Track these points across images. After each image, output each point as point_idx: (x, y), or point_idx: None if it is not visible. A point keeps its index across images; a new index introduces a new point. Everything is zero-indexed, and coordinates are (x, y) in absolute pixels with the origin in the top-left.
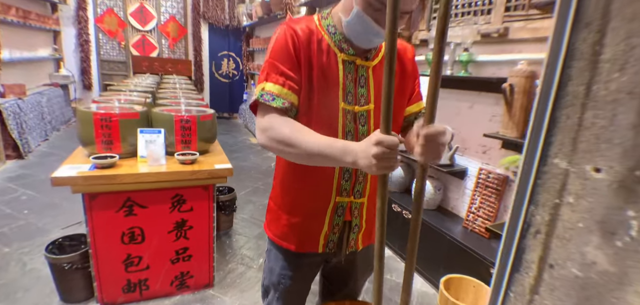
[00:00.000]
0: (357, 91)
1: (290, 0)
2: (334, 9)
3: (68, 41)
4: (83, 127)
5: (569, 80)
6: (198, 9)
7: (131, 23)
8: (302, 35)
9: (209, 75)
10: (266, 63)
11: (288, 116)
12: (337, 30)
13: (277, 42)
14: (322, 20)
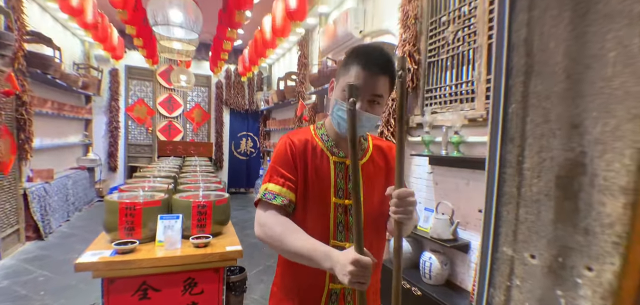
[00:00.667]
0: (347, 187)
1: (302, 89)
2: (325, 120)
3: (98, 128)
4: (108, 215)
5: (504, 183)
6: (221, 97)
7: (159, 111)
8: (298, 144)
9: (229, 154)
10: (269, 167)
11: (287, 211)
12: (329, 137)
13: (278, 150)
14: (317, 130)
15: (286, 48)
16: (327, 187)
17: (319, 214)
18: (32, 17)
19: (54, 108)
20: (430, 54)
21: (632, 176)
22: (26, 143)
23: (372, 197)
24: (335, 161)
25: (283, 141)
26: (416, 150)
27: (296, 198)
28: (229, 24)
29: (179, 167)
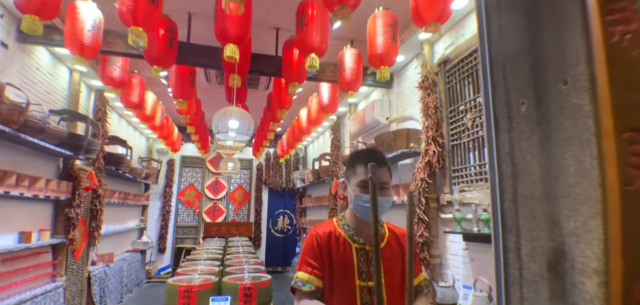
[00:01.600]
0: (369, 270)
1: (335, 168)
2: (346, 212)
3: (153, 212)
4: (169, 297)
5: (508, 266)
6: (261, 178)
7: (206, 194)
8: (323, 235)
9: (266, 232)
10: (300, 258)
11: (316, 296)
12: (350, 227)
13: (306, 243)
14: (339, 222)
15: (320, 131)
16: (351, 271)
17: (346, 296)
18: (112, 123)
19: (120, 198)
20: (453, 138)
21: (601, 261)
22: (96, 230)
23: (392, 278)
24: (357, 248)
25: (310, 234)
26: (449, 227)
27: (323, 283)
28: (272, 119)
29: (224, 248)
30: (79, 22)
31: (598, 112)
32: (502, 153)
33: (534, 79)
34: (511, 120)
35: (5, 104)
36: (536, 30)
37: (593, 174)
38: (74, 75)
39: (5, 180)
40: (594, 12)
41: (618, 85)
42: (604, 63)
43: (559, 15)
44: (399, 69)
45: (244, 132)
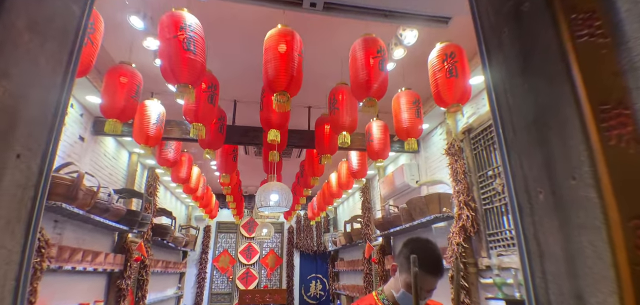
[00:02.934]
0: None
1: (368, 231)
2: (385, 286)
3: (189, 279)
4: None
5: None
6: (292, 241)
7: (239, 259)
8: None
9: (299, 298)
10: None
11: None
12: (390, 302)
13: None
14: (379, 295)
15: (350, 193)
16: None
17: None
18: (158, 195)
19: (162, 266)
20: (485, 202)
21: None
22: (141, 300)
23: None
24: None
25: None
26: (490, 292)
27: None
28: (305, 185)
29: None
30: (146, 118)
31: (605, 205)
32: (528, 234)
33: (547, 171)
34: (532, 207)
35: (82, 190)
36: (543, 127)
37: (606, 256)
38: (133, 157)
39: (73, 256)
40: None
41: (619, 180)
42: (604, 164)
43: (561, 117)
44: (425, 135)
45: (283, 204)
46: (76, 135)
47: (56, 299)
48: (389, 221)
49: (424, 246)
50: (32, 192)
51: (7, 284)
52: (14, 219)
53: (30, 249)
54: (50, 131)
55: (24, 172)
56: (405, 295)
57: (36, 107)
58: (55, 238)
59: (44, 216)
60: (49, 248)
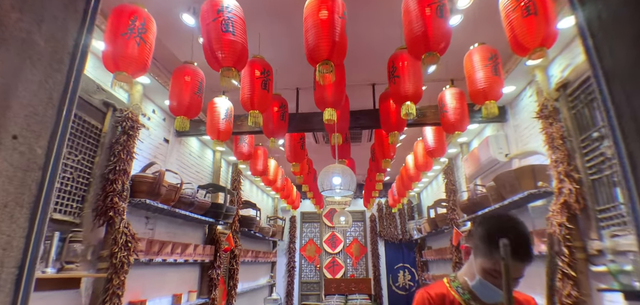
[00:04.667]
0: None
1: (454, 216)
2: (459, 273)
3: (280, 268)
4: None
5: None
6: (375, 229)
7: (325, 249)
8: (436, 298)
9: (387, 288)
10: None
11: None
12: (465, 291)
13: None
14: (451, 283)
15: (431, 176)
16: None
17: None
18: (244, 190)
19: (252, 256)
20: (591, 171)
21: None
22: (233, 289)
23: None
24: None
25: (421, 296)
26: (604, 281)
27: None
28: (377, 170)
29: None
30: (216, 114)
31: None
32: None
33: None
34: None
35: (165, 186)
36: None
37: None
38: (216, 155)
39: (163, 249)
40: None
41: None
42: None
43: None
44: (511, 100)
45: (346, 187)
46: (160, 137)
47: (151, 290)
48: (475, 203)
49: (506, 224)
50: (38, 175)
51: (5, 270)
52: (12, 202)
53: (37, 235)
54: (58, 112)
55: (25, 154)
56: (482, 284)
57: (33, 86)
58: (148, 233)
59: (135, 213)
60: (136, 242)
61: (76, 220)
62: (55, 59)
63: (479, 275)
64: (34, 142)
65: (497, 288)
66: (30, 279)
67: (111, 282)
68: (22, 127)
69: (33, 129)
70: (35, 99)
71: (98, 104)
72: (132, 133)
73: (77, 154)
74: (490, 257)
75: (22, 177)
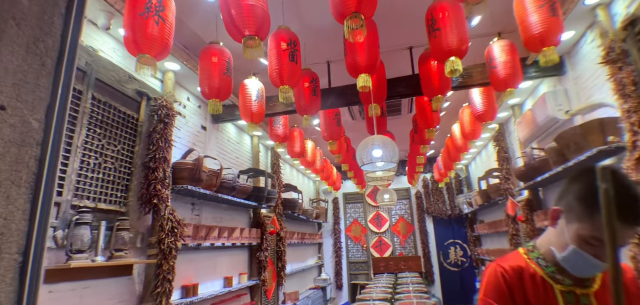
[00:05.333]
0: None
1: (508, 185)
2: (538, 241)
3: (327, 249)
4: None
5: None
6: (422, 206)
7: (370, 228)
8: (511, 272)
9: (438, 265)
10: (480, 301)
11: None
12: (548, 262)
13: (489, 281)
14: (530, 254)
15: (480, 146)
16: None
17: None
18: (284, 173)
19: (298, 238)
20: None
21: None
22: (282, 270)
23: None
24: (562, 290)
25: (493, 270)
26: None
27: None
28: (421, 142)
29: (393, 286)
30: (247, 96)
31: None
32: None
33: None
34: None
35: (205, 172)
36: None
37: None
38: (254, 140)
39: (210, 234)
40: None
41: None
42: None
43: None
44: (569, 49)
45: (388, 159)
46: (198, 125)
47: (203, 274)
48: (533, 168)
49: (624, 186)
50: (36, 151)
51: (5, 258)
52: (7, 181)
53: (42, 218)
54: (54, 81)
55: (17, 128)
56: (577, 254)
57: (21, 50)
58: (194, 219)
59: (180, 200)
60: (182, 228)
61: (122, 209)
62: (44, 20)
63: (573, 244)
64: (28, 114)
65: (596, 259)
66: (38, 267)
67: (161, 268)
68: (10, 97)
69: (24, 98)
70: (24, 65)
71: (132, 93)
72: (168, 121)
73: (116, 144)
74: (590, 222)
75: (17, 152)
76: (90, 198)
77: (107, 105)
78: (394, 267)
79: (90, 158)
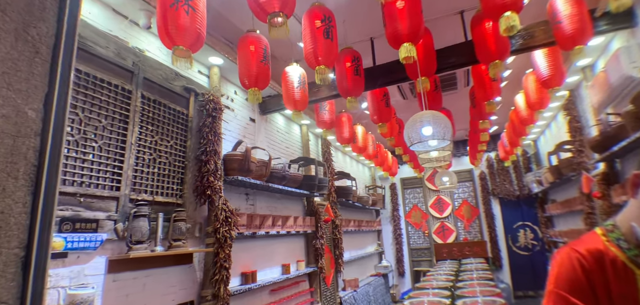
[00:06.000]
0: None
1: (582, 159)
2: (618, 218)
3: (386, 236)
4: None
5: None
6: (487, 188)
7: (431, 213)
8: (589, 257)
9: (507, 250)
10: (551, 294)
11: None
12: (630, 244)
13: (562, 269)
14: (609, 234)
15: (548, 117)
16: None
17: None
18: (337, 161)
19: (355, 225)
20: None
21: None
22: (339, 258)
23: None
24: None
25: (567, 255)
26: None
27: None
28: (480, 117)
29: (455, 273)
30: (289, 83)
31: None
32: None
33: None
34: None
35: (254, 163)
36: None
37: None
38: (303, 128)
39: (264, 222)
40: None
41: None
42: None
43: None
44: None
45: (441, 136)
46: (246, 117)
47: (260, 261)
48: (609, 137)
49: None
50: (35, 142)
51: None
52: (2, 173)
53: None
54: (51, 69)
55: (11, 118)
56: None
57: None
58: (249, 208)
59: (234, 191)
60: (235, 217)
61: (178, 201)
62: (34, 5)
63: None
64: (23, 104)
65: None
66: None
67: (218, 256)
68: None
69: (17, 87)
70: (13, 53)
71: (180, 90)
72: (216, 115)
73: (169, 139)
74: None
75: (12, 144)
76: (148, 191)
77: (156, 102)
78: (458, 253)
79: (145, 154)
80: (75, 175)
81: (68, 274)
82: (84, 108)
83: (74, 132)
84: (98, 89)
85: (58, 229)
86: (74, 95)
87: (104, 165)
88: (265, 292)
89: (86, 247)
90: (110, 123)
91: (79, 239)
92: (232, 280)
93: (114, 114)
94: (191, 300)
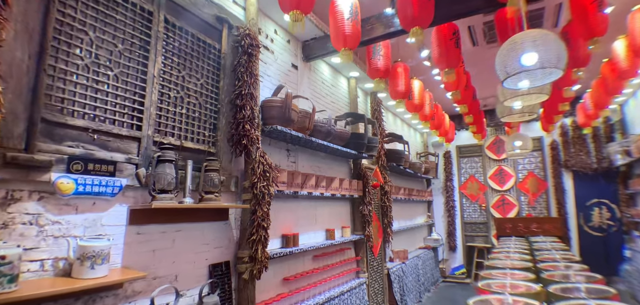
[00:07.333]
0: None
1: None
2: None
3: (437, 208)
4: None
5: None
6: (558, 159)
7: (491, 185)
8: None
9: (578, 229)
10: None
11: None
12: None
13: None
14: None
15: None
16: None
17: None
18: (387, 123)
19: (405, 194)
20: None
21: None
22: (388, 227)
23: None
24: None
25: None
26: None
27: None
28: (576, 64)
29: (530, 253)
30: (338, 15)
31: None
32: None
33: None
34: None
35: (295, 111)
36: None
37: None
38: (351, 82)
39: (307, 182)
40: None
41: None
42: None
43: None
44: None
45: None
46: (288, 63)
47: (303, 224)
48: None
49: None
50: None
51: None
52: None
53: None
54: None
55: None
56: None
57: None
58: (290, 165)
59: (275, 145)
60: (273, 171)
61: (211, 149)
62: None
63: None
64: None
65: None
66: None
67: (255, 214)
68: None
69: None
70: None
71: (211, 19)
72: (253, 52)
73: (199, 77)
74: None
75: None
76: (175, 135)
77: (183, 30)
78: (525, 230)
79: (171, 90)
80: (86, 106)
81: (82, 222)
82: (94, 26)
83: (83, 54)
84: (112, 5)
85: (66, 168)
86: (83, 10)
87: (121, 99)
88: (308, 257)
89: (102, 193)
90: (127, 49)
91: (92, 182)
92: (272, 241)
93: (132, 38)
94: (227, 260)
